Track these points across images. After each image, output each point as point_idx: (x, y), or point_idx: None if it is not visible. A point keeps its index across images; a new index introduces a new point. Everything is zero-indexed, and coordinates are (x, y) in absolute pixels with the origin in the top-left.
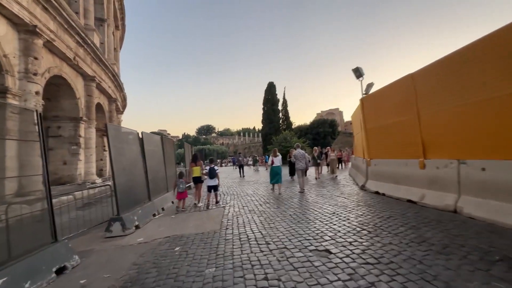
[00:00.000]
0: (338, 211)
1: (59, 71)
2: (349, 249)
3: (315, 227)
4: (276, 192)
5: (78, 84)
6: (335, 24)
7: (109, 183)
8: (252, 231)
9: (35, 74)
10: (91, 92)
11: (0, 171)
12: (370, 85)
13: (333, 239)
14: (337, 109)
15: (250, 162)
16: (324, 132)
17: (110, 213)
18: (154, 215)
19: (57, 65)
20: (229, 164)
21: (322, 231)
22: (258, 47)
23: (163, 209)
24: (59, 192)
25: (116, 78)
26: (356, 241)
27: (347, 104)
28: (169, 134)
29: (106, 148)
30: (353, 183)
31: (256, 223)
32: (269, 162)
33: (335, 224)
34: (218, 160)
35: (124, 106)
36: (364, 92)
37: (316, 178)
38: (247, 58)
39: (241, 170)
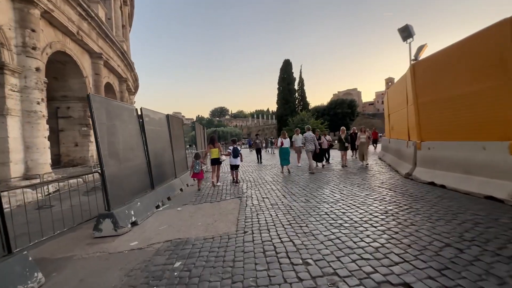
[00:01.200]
0: (391, 209)
1: (63, 47)
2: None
3: (368, 236)
4: (286, 173)
5: (84, 62)
6: None
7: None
8: (279, 237)
9: (34, 48)
10: (99, 71)
11: None
12: (420, 48)
13: (406, 261)
14: (355, 89)
15: (266, 144)
16: (343, 113)
17: None
18: (157, 206)
19: (60, 40)
20: (243, 146)
21: (381, 243)
22: (274, 24)
23: (169, 198)
24: (70, 174)
25: (126, 56)
26: (446, 267)
27: (365, 84)
28: (183, 116)
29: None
30: (389, 169)
31: (283, 225)
32: (279, 143)
33: (396, 232)
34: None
35: (136, 87)
36: (413, 58)
37: (343, 166)
38: (261, 38)
39: (259, 155)
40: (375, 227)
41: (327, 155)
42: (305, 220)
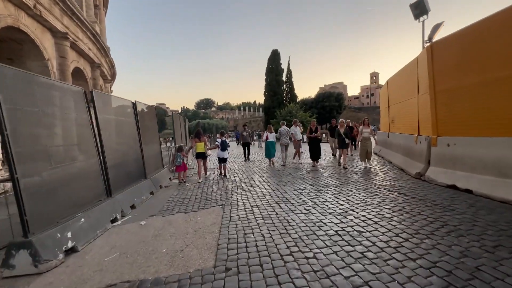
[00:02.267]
0: (420, 227)
1: (15, 22)
2: None
3: (410, 279)
4: (272, 165)
5: (46, 42)
6: None
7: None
8: (279, 283)
9: None
10: (64, 53)
11: None
12: (437, 27)
13: None
14: (341, 83)
15: (255, 138)
16: (330, 106)
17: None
18: (114, 220)
19: (11, 13)
20: (229, 139)
21: None
22: (260, 16)
23: (133, 206)
24: None
25: (99, 39)
26: None
27: (351, 78)
28: (168, 108)
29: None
30: (391, 167)
31: (282, 256)
32: (264, 137)
33: (449, 272)
34: (218, 135)
35: (112, 75)
36: (427, 39)
37: (341, 165)
38: (248, 29)
39: (247, 151)
40: (413, 259)
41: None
42: (311, 246)
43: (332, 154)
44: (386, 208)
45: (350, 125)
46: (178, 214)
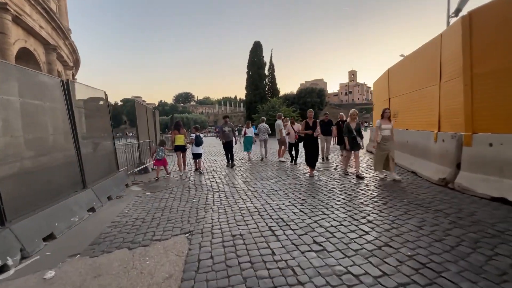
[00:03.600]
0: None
1: None
2: None
3: None
4: (249, 160)
5: None
6: None
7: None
8: None
9: None
10: (4, 28)
11: None
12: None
13: None
14: (322, 79)
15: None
16: (312, 102)
17: None
18: (3, 267)
19: None
20: (209, 135)
21: None
22: (243, 10)
23: (50, 237)
24: None
25: (54, 17)
26: None
27: (329, 76)
28: (144, 101)
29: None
30: (398, 168)
31: None
32: (242, 133)
33: None
34: (191, 129)
35: (75, 61)
36: (452, 13)
37: (358, 177)
38: (230, 23)
39: (229, 154)
40: None
41: (294, 153)
42: None
43: (323, 158)
44: (435, 240)
45: (344, 119)
46: (117, 252)
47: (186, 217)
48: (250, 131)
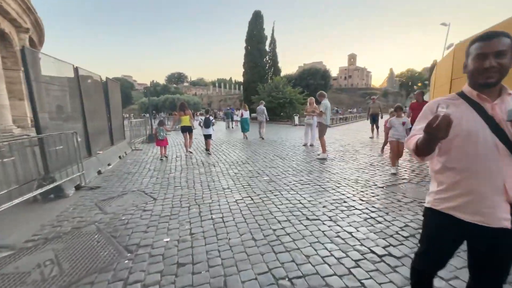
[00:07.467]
0: None
1: None
2: None
3: None
4: (246, 139)
5: None
6: None
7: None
8: None
9: None
10: None
11: None
12: None
13: None
14: (321, 62)
15: (237, 118)
16: (315, 85)
17: None
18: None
19: None
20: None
21: None
22: None
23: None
24: None
25: None
26: None
27: (328, 59)
28: (135, 80)
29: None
30: None
31: None
32: (239, 115)
33: None
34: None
35: (36, 22)
36: None
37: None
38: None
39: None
40: None
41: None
42: None
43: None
44: None
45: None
46: None
47: None
48: (247, 113)
